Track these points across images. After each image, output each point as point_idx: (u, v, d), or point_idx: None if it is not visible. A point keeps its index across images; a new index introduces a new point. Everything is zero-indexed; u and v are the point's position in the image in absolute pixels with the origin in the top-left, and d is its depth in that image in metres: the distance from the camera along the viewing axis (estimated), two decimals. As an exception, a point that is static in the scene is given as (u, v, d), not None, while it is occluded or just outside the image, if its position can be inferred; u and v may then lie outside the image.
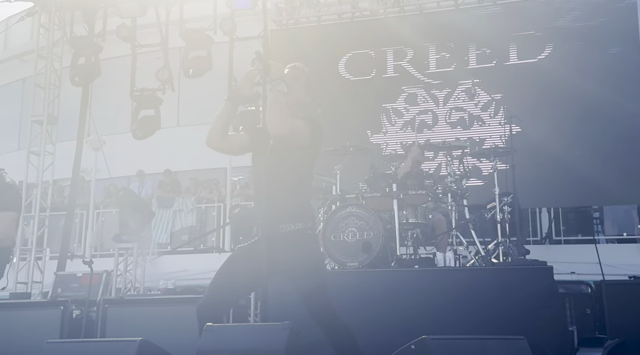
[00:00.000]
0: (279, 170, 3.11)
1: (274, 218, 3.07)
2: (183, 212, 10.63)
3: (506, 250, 5.76)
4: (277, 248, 3.01)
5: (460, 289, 4.51)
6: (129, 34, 9.11)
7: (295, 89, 3.18)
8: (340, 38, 9.01)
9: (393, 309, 4.46)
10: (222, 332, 2.54)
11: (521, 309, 4.23)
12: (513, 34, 8.27)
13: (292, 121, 3.06)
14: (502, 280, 4.53)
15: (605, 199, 8.25)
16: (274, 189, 3.09)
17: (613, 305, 4.88)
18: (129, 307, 5.17)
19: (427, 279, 4.72)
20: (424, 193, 5.61)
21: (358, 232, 5.32)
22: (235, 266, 3.10)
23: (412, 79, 8.60)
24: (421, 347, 2.32)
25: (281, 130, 2.99)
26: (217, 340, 2.47)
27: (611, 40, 7.94)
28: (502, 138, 7.34)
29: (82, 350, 2.61)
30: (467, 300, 4.39)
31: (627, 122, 7.76)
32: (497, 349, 2.36)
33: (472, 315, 4.24)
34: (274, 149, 3.15)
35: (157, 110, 9.22)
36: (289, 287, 3.11)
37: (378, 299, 4.58)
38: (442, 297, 4.47)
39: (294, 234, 3.06)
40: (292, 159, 3.13)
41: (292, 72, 3.25)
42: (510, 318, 4.14)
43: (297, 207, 3.13)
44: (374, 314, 4.45)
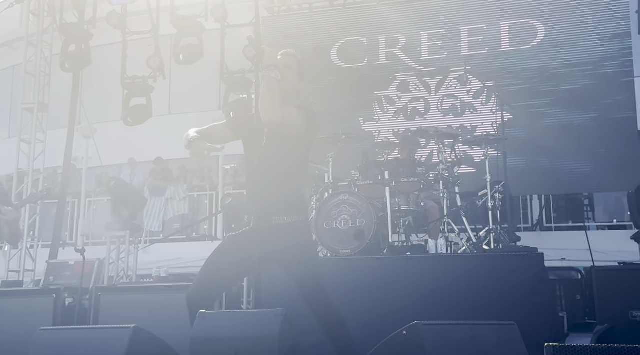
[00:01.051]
0: (272, 159, 3.07)
1: (267, 209, 3.05)
2: (175, 201, 10.61)
3: (497, 237, 5.79)
4: (269, 239, 3.00)
5: (452, 275, 4.54)
6: (120, 20, 9.04)
7: (289, 76, 3.15)
8: (332, 25, 8.97)
9: (385, 295, 4.49)
10: (216, 318, 2.55)
11: (512, 295, 4.27)
12: (505, 21, 8.27)
13: (286, 109, 3.02)
14: (493, 266, 4.56)
15: (595, 186, 8.31)
16: (267, 179, 3.06)
17: (603, 291, 4.92)
18: (122, 294, 5.18)
19: (419, 266, 4.75)
20: (416, 181, 5.62)
21: (350, 220, 5.33)
22: (225, 254, 3.10)
23: (404, 66, 8.59)
24: (413, 333, 2.34)
25: (274, 119, 2.94)
26: (210, 327, 2.48)
27: (603, 27, 7.95)
28: (494, 125, 7.36)
29: (75, 337, 2.61)
30: (459, 287, 4.43)
31: (618, 109, 7.80)
32: (488, 334, 2.39)
33: (463, 301, 4.28)
34: (268, 137, 3.11)
35: (148, 98, 9.18)
36: (281, 275, 3.12)
37: (370, 286, 4.61)
38: (434, 283, 4.50)
39: (286, 226, 3.05)
40: (285, 148, 3.09)
41: (285, 59, 3.21)
42: (501, 304, 4.17)
43: (290, 199, 3.11)
44: (367, 301, 4.48)
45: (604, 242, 8.02)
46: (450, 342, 2.31)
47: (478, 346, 2.33)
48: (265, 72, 2.98)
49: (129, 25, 9.23)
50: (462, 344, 2.33)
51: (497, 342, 2.37)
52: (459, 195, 6.05)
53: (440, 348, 2.26)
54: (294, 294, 2.96)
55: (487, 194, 5.88)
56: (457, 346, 2.31)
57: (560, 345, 1.82)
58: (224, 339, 2.40)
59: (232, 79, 8.91)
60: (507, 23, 8.26)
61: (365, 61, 8.75)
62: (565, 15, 8.08)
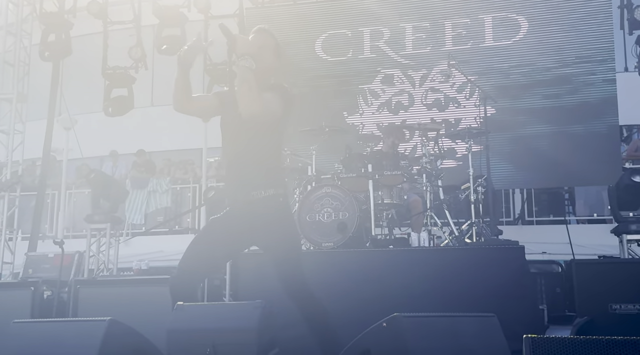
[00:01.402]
0: (249, 138, 3.05)
1: (245, 185, 3.03)
2: (157, 193, 10.52)
3: (479, 231, 5.81)
4: (249, 215, 2.98)
5: (434, 268, 4.55)
6: (101, 10, 8.92)
7: (265, 55, 3.08)
8: (317, 18, 8.92)
9: (368, 288, 4.48)
10: (194, 311, 2.51)
11: (493, 288, 4.28)
12: (489, 16, 8.29)
13: (264, 97, 2.97)
14: (475, 259, 4.58)
15: (576, 180, 8.37)
16: (244, 155, 3.05)
17: (582, 284, 4.95)
18: (101, 287, 5.11)
19: (402, 259, 4.75)
20: (399, 174, 5.62)
21: (333, 213, 5.32)
22: (206, 238, 3.07)
23: (389, 59, 8.57)
24: (393, 325, 2.33)
25: (253, 110, 2.90)
26: (188, 319, 2.45)
27: (585, 22, 8.00)
28: (477, 120, 7.38)
29: (50, 330, 2.56)
30: (441, 280, 4.44)
31: (600, 103, 7.86)
32: (468, 326, 2.39)
33: (445, 294, 4.28)
34: (244, 118, 3.04)
35: (130, 89, 9.08)
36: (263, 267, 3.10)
37: (353, 279, 4.60)
38: (416, 276, 4.50)
39: (265, 200, 3.02)
40: (263, 128, 3.06)
41: (260, 37, 3.13)
42: (483, 296, 4.19)
43: (268, 174, 3.09)
44: (349, 293, 4.47)
45: (584, 236, 8.10)
46: (430, 334, 2.31)
47: (458, 338, 2.33)
48: (238, 62, 2.91)
49: (110, 15, 9.11)
50: (442, 336, 2.32)
51: (477, 334, 2.37)
52: (441, 188, 6.07)
53: (420, 340, 2.25)
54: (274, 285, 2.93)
55: (470, 188, 5.90)
56: (437, 338, 2.31)
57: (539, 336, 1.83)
58: (201, 331, 2.36)
59: (216, 71, 8.84)
60: (490, 17, 8.28)
61: (349, 54, 8.71)
62: (548, 10, 8.12)
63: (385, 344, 2.33)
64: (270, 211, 3.02)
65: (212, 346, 2.28)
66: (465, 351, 2.30)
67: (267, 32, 3.20)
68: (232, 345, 2.30)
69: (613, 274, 4.92)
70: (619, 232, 6.97)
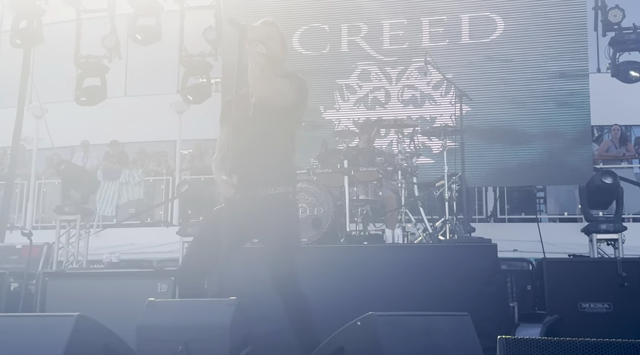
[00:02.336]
0: (260, 131, 3.01)
1: (254, 181, 2.98)
2: (130, 185, 10.35)
3: (453, 228, 5.85)
4: (256, 211, 2.95)
5: (407, 265, 4.56)
6: (74, -3, 8.75)
7: (272, 46, 3.09)
8: (294, 11, 8.87)
9: (341, 285, 4.47)
10: (165, 307, 2.47)
11: (466, 285, 4.31)
12: (465, 14, 8.34)
13: (276, 81, 2.98)
14: (448, 257, 4.60)
15: (548, 179, 8.49)
16: (254, 151, 2.99)
17: (553, 282, 5.01)
18: (70, 280, 5.02)
19: (376, 256, 4.74)
20: (375, 170, 5.62)
21: (308, 208, 5.29)
22: (210, 232, 3.01)
23: (366, 55, 8.57)
24: (367, 323, 2.32)
25: (265, 91, 2.94)
26: (159, 315, 2.40)
27: (560, 23, 8.10)
28: (452, 117, 7.42)
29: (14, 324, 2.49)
30: (414, 277, 4.45)
31: (572, 104, 7.98)
32: (442, 325, 2.40)
33: (418, 291, 4.30)
34: (255, 109, 3.03)
35: (103, 79, 8.93)
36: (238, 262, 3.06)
37: (326, 275, 4.58)
38: (389, 273, 4.50)
39: (273, 197, 3.00)
40: (272, 119, 3.02)
41: (267, 29, 3.13)
42: (455, 294, 4.21)
43: (278, 170, 3.05)
44: (323, 289, 4.43)
45: (555, 234, 8.21)
46: (403, 333, 2.30)
47: (431, 337, 2.33)
48: (250, 46, 2.94)
49: (84, 2, 8.94)
50: (415, 335, 2.32)
51: (450, 333, 2.38)
52: (416, 185, 6.09)
53: (393, 338, 2.25)
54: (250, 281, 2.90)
55: (444, 185, 5.93)
56: (410, 336, 2.31)
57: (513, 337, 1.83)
58: (173, 327, 2.32)
59: (191, 62, 8.75)
60: (467, 15, 8.33)
61: (327, 49, 8.69)
62: (524, 10, 8.20)
63: (359, 343, 2.32)
64: (276, 208, 2.99)
65: (184, 343, 2.24)
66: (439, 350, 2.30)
67: (273, 24, 3.20)
68: (204, 342, 2.26)
69: (583, 272, 5.00)
70: (589, 231, 7.08)
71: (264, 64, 2.90)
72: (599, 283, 4.88)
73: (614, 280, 4.83)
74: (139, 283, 4.86)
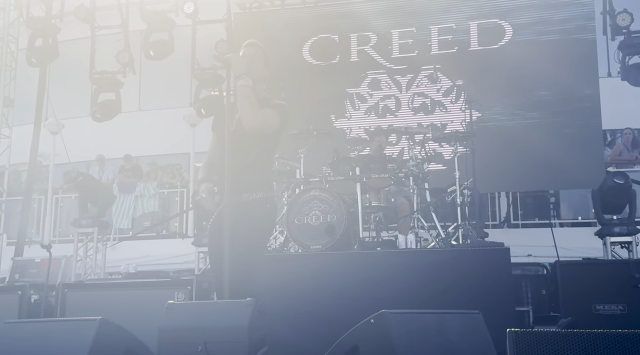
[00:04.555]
0: (243, 142, 3.23)
1: (238, 188, 3.19)
2: (145, 198, 10.48)
3: (465, 233, 5.88)
4: (238, 215, 3.12)
5: (420, 270, 4.60)
6: (88, 14, 8.93)
7: (256, 66, 3.33)
8: (305, 22, 8.99)
9: (356, 290, 4.52)
10: (185, 309, 2.54)
11: (478, 289, 4.34)
12: (474, 21, 8.40)
13: (264, 113, 3.23)
14: (460, 261, 4.63)
15: (561, 183, 8.48)
16: (240, 163, 3.19)
17: (567, 285, 5.02)
18: (89, 291, 5.11)
19: (389, 261, 4.79)
20: (387, 177, 5.67)
21: (321, 215, 5.35)
22: (212, 245, 3.26)
23: (376, 64, 8.65)
24: (380, 321, 2.37)
25: (255, 125, 3.20)
26: (179, 318, 2.47)
27: (569, 28, 8.12)
28: (463, 123, 7.47)
29: (41, 329, 2.57)
30: (427, 281, 4.49)
31: (583, 108, 7.98)
32: (454, 323, 2.44)
33: (431, 295, 4.33)
34: (238, 123, 3.27)
35: (117, 94, 9.08)
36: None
37: (341, 281, 4.64)
38: (403, 278, 4.55)
39: (254, 202, 3.22)
40: (260, 137, 3.27)
41: (250, 50, 3.37)
42: (468, 297, 4.24)
43: (259, 177, 3.30)
44: (337, 294, 4.50)
45: (569, 239, 8.18)
46: (416, 330, 2.35)
47: (444, 334, 2.37)
48: (237, 81, 3.21)
49: (98, 19, 9.11)
50: (428, 332, 2.37)
51: (462, 330, 2.42)
52: (428, 191, 6.13)
53: (406, 336, 2.30)
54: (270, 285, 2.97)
55: (456, 191, 5.96)
56: (423, 334, 2.35)
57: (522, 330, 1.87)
58: (193, 329, 2.39)
59: (204, 75, 8.87)
60: (475, 23, 8.39)
61: (337, 58, 8.78)
62: (532, 16, 8.24)
63: (372, 340, 2.37)
64: (255, 213, 3.21)
65: (204, 344, 2.30)
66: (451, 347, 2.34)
67: (256, 45, 3.44)
68: (223, 343, 2.32)
69: (597, 274, 5.00)
70: (603, 235, 7.07)
71: (252, 98, 3.17)
72: (613, 285, 4.88)
73: (627, 281, 4.84)
74: (157, 292, 4.94)
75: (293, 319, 3.44)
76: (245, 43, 3.44)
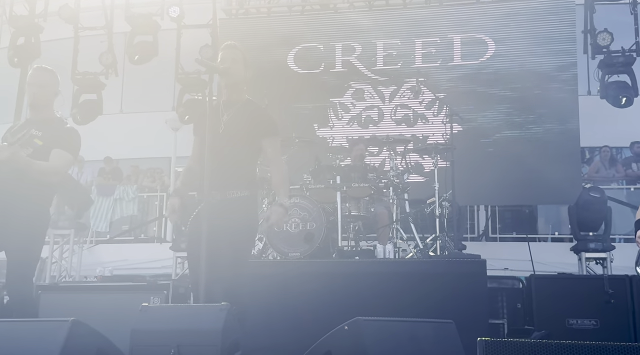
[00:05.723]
0: (230, 143, 3.27)
1: (223, 186, 3.21)
2: (124, 201, 10.39)
3: (443, 245, 5.91)
4: (222, 212, 3.13)
5: (397, 280, 4.62)
6: (72, 15, 8.87)
7: (237, 68, 3.37)
8: (290, 30, 9.03)
9: (333, 298, 4.52)
10: (158, 312, 2.52)
11: (454, 300, 4.37)
12: (457, 36, 8.50)
13: (283, 159, 3.54)
14: (437, 272, 4.66)
15: (538, 198, 8.59)
16: (225, 162, 3.22)
17: (541, 299, 5.09)
18: (63, 293, 5.05)
19: (367, 270, 4.81)
20: (367, 186, 5.70)
21: (301, 223, 5.35)
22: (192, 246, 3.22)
23: (360, 74, 8.70)
24: (354, 328, 2.38)
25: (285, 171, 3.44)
26: (152, 320, 2.45)
27: (550, 46, 8.25)
28: (444, 136, 7.54)
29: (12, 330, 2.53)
30: (404, 290, 4.51)
31: (563, 125, 8.10)
32: (427, 332, 2.45)
33: (407, 304, 4.35)
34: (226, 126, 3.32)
35: (99, 95, 9.01)
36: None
37: (318, 289, 4.64)
38: (380, 287, 4.56)
39: (239, 200, 3.24)
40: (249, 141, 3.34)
41: (230, 52, 3.40)
42: (443, 308, 4.26)
43: (244, 175, 3.32)
44: (314, 302, 4.50)
45: (545, 254, 8.28)
46: (389, 338, 2.36)
47: (416, 342, 2.38)
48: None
49: (82, 20, 9.05)
50: (400, 340, 2.38)
51: (435, 339, 2.43)
52: (408, 202, 6.16)
53: (379, 343, 2.30)
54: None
55: (435, 202, 6.01)
56: (396, 341, 2.36)
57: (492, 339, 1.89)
58: (165, 332, 2.37)
59: (188, 80, 8.84)
60: (459, 37, 8.49)
61: (321, 67, 8.82)
62: (515, 33, 8.37)
63: (346, 347, 2.37)
64: (241, 210, 3.21)
65: (176, 347, 2.29)
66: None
67: (235, 46, 3.47)
68: (196, 346, 2.31)
69: (571, 289, 5.07)
70: (578, 250, 7.17)
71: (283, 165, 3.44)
72: (587, 300, 4.95)
73: (601, 297, 4.91)
74: (132, 296, 4.89)
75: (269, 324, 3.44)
76: (224, 45, 3.47)
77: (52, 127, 3.58)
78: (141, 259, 9.16)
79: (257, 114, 3.42)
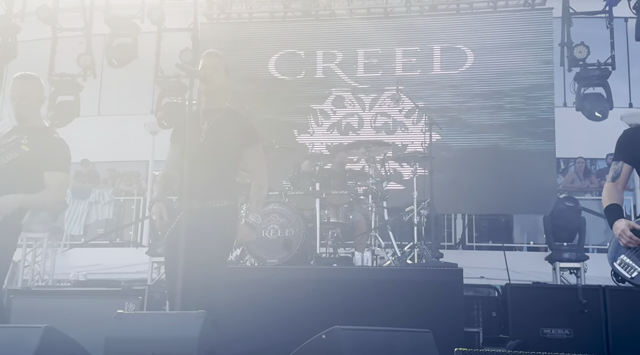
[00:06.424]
0: (210, 153, 3.25)
1: (202, 196, 3.19)
2: (100, 204, 10.26)
3: (421, 253, 5.95)
4: (202, 222, 3.11)
5: (375, 287, 4.63)
6: (50, 15, 8.76)
7: (217, 76, 3.35)
8: (272, 36, 9.03)
9: (310, 305, 4.52)
10: (134, 319, 2.49)
11: (431, 308, 4.39)
12: (437, 45, 8.59)
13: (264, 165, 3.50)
14: (414, 280, 4.69)
15: (514, 208, 8.68)
16: (206, 172, 3.20)
17: (516, 308, 5.14)
18: (36, 298, 4.96)
19: (345, 278, 4.81)
20: (346, 193, 5.71)
21: (279, 229, 5.34)
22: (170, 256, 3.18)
23: (341, 82, 8.73)
24: (331, 337, 2.38)
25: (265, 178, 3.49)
26: (127, 327, 2.42)
27: (528, 58, 8.37)
28: (423, 144, 7.59)
29: (-18, 336, 2.48)
30: (381, 298, 4.52)
31: (539, 136, 8.21)
32: (404, 341, 2.46)
33: (384, 312, 4.36)
34: (207, 135, 3.30)
35: (76, 97, 8.90)
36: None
37: (296, 296, 4.63)
38: (357, 294, 4.57)
39: (219, 210, 3.23)
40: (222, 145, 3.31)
41: (211, 60, 3.39)
42: (419, 316, 4.28)
43: (224, 186, 3.31)
44: (292, 309, 4.49)
45: (520, 263, 8.37)
46: (366, 347, 2.36)
47: (393, 352, 2.39)
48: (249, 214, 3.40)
49: (60, 21, 8.95)
50: (377, 349, 2.38)
51: (412, 349, 2.44)
52: (386, 210, 6.19)
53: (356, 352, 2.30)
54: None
55: (414, 210, 6.04)
56: (373, 351, 2.37)
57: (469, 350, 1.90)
58: (141, 339, 2.34)
59: (167, 83, 8.77)
60: (439, 47, 8.57)
61: (302, 74, 8.83)
62: (494, 44, 8.48)
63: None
64: (219, 220, 3.20)
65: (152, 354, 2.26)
66: (401, 365, 2.36)
67: (216, 54, 3.46)
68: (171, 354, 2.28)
69: (545, 299, 5.13)
70: (553, 260, 7.27)
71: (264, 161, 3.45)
72: (561, 309, 5.01)
73: (574, 307, 4.97)
74: (107, 302, 4.83)
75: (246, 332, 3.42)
76: (205, 52, 3.46)
77: (39, 136, 3.51)
78: (116, 263, 9.05)
79: (238, 122, 3.40)
